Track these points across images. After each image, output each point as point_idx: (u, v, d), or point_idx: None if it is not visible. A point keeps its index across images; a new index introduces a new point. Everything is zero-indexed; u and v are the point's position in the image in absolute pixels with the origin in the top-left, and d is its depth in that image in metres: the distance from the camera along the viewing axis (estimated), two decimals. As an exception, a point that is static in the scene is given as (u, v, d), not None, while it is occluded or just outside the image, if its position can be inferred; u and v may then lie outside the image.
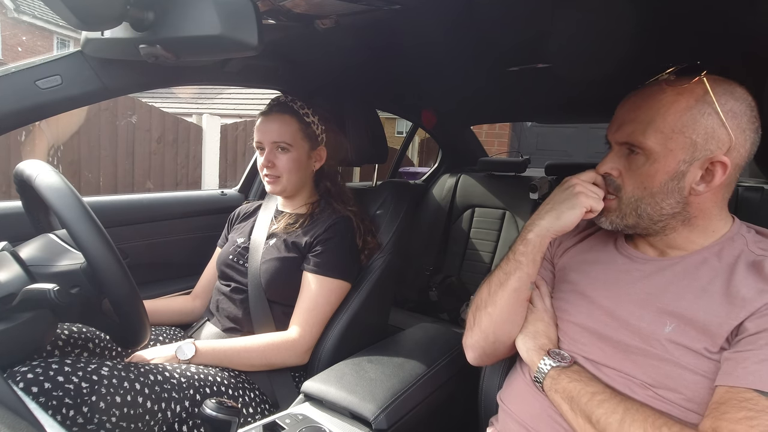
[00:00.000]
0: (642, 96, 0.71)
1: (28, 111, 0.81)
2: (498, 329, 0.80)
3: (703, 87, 0.66)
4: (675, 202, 0.69)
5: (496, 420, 0.83)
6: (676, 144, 0.67)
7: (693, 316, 0.65)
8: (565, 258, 0.86)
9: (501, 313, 0.79)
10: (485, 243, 2.03)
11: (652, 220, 0.72)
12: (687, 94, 0.67)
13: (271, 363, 1.06)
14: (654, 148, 0.68)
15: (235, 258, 1.19)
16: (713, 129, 0.65)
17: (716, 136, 0.66)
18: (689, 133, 0.66)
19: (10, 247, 0.76)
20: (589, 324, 0.74)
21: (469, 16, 0.89)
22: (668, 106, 0.67)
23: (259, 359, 1.04)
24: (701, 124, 0.66)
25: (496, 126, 4.73)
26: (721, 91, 0.66)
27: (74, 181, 3.57)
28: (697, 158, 0.67)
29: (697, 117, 0.66)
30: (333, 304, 1.13)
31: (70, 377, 0.78)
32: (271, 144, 1.16)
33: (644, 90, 0.72)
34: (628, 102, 0.73)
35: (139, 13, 0.66)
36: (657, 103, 0.68)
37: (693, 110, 0.66)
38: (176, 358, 0.99)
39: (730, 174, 0.68)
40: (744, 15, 0.81)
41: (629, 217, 0.73)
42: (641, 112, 0.70)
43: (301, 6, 0.78)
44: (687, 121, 0.66)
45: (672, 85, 0.69)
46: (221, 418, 0.64)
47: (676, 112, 0.67)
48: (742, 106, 0.66)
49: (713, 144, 0.66)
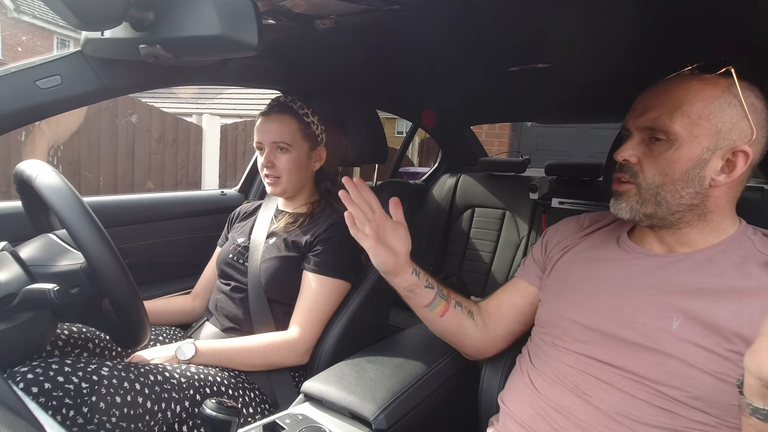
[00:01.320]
0: (666, 84, 0.72)
1: (28, 111, 0.81)
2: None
3: (729, 80, 0.68)
4: (694, 192, 0.70)
5: (496, 420, 0.83)
6: (702, 130, 0.68)
7: (699, 312, 0.65)
8: (565, 257, 0.86)
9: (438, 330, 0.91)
10: (485, 243, 2.03)
11: (670, 210, 0.71)
12: (713, 85, 0.68)
13: (271, 363, 1.06)
14: (680, 133, 0.69)
15: (235, 257, 1.19)
16: (737, 120, 0.67)
17: (740, 127, 0.67)
18: (715, 121, 0.67)
19: (10, 247, 0.76)
20: (593, 322, 0.74)
21: (469, 16, 0.89)
22: (696, 92, 0.69)
23: (258, 359, 1.04)
24: (727, 113, 0.67)
25: (496, 126, 4.73)
26: (745, 85, 0.68)
27: (74, 181, 3.57)
28: (720, 147, 0.68)
29: (723, 106, 0.67)
30: (333, 304, 1.13)
31: (70, 377, 0.78)
32: (271, 144, 1.16)
33: (667, 80, 0.73)
34: (653, 90, 0.74)
35: (139, 13, 0.66)
36: (684, 90, 0.70)
37: (720, 99, 0.67)
38: (176, 358, 0.99)
39: (748, 168, 0.69)
40: (745, 13, 0.81)
41: (648, 204, 0.73)
42: (668, 98, 0.70)
43: (301, 6, 0.78)
44: (714, 109, 0.67)
45: (697, 77, 0.70)
46: (221, 418, 0.64)
47: (703, 99, 0.68)
48: (761, 104, 0.68)
49: (736, 134, 0.67)
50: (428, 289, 0.85)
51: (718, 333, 0.63)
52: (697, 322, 0.64)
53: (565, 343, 0.77)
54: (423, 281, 0.85)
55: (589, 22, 0.89)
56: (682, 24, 0.87)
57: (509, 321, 0.91)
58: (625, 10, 0.81)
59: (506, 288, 0.95)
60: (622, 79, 1.19)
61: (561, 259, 0.86)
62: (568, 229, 0.91)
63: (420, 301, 0.86)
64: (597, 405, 0.69)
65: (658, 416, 0.65)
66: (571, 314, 0.77)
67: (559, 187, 1.89)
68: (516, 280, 0.94)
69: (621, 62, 1.07)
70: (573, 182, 1.91)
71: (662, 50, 0.99)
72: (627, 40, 0.94)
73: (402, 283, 0.85)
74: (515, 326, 0.91)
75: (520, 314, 0.91)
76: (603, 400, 0.69)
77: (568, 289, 0.81)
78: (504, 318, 0.91)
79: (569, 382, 0.73)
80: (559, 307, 0.80)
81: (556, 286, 0.84)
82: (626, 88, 0.76)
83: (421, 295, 0.85)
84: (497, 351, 0.93)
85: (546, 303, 0.85)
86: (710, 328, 0.63)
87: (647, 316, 0.69)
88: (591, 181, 1.89)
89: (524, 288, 0.91)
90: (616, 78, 1.16)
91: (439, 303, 0.86)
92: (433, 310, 0.87)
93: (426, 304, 0.86)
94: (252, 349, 1.04)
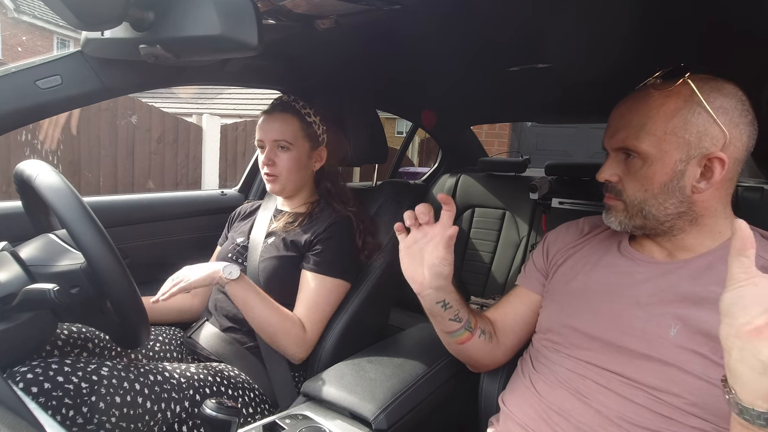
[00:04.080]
0: (631, 102, 0.72)
1: (28, 111, 0.81)
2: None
3: (689, 88, 0.67)
4: (678, 202, 0.69)
5: (496, 420, 0.83)
6: (670, 145, 0.67)
7: (698, 321, 0.64)
8: (567, 263, 0.86)
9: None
10: (485, 243, 2.03)
11: (659, 221, 0.72)
12: (674, 97, 0.68)
13: (276, 341, 1.04)
14: (649, 151, 0.69)
15: (234, 256, 1.19)
16: (705, 127, 0.66)
17: (709, 134, 0.66)
18: (681, 134, 0.67)
19: (10, 247, 0.76)
20: (593, 330, 0.74)
21: (469, 17, 0.89)
22: (657, 109, 0.68)
23: (272, 327, 1.03)
24: (692, 124, 0.66)
25: (496, 126, 4.73)
26: (708, 89, 0.67)
27: (74, 181, 3.57)
28: (693, 156, 0.67)
29: (687, 117, 0.66)
30: (333, 303, 1.13)
31: (70, 377, 0.78)
32: (272, 142, 1.16)
33: (633, 96, 0.73)
34: (619, 109, 0.74)
35: (139, 13, 0.66)
36: (646, 108, 0.69)
37: (683, 111, 0.67)
38: (222, 275, 0.98)
39: (730, 169, 0.68)
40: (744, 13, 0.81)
41: (636, 218, 0.73)
42: (632, 117, 0.70)
43: (301, 6, 0.78)
44: (678, 122, 0.67)
45: (659, 89, 0.69)
46: (221, 418, 0.64)
47: (665, 115, 0.67)
48: (732, 102, 0.67)
49: (707, 141, 0.66)
50: (453, 322, 0.82)
51: (716, 340, 0.62)
52: (696, 330, 0.64)
53: (566, 349, 0.77)
54: (449, 315, 0.81)
55: (589, 22, 0.89)
56: (681, 23, 0.87)
57: (516, 332, 0.90)
58: (624, 10, 0.81)
59: (509, 298, 0.93)
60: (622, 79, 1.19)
61: (562, 266, 0.86)
62: (569, 235, 0.90)
63: (441, 328, 0.85)
64: (597, 408, 0.69)
65: (656, 421, 0.65)
66: (571, 321, 0.77)
67: (559, 187, 1.89)
68: (518, 288, 0.93)
69: (621, 62, 1.07)
70: (573, 182, 1.91)
71: (662, 50, 0.99)
72: (627, 40, 0.94)
73: (425, 304, 0.81)
74: (522, 336, 0.90)
75: (525, 324, 0.90)
76: (603, 403, 0.69)
77: (569, 297, 0.81)
78: (511, 330, 0.90)
79: (570, 386, 0.74)
80: (560, 314, 0.80)
81: (558, 293, 0.84)
82: (626, 88, 0.76)
83: (444, 324, 0.83)
84: (504, 362, 0.92)
85: (547, 309, 0.85)
86: (708, 335, 0.63)
87: (647, 324, 0.69)
88: (591, 181, 1.88)
89: (527, 296, 0.91)
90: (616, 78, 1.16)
91: (462, 334, 0.84)
92: (453, 338, 0.85)
93: (448, 331, 0.84)
94: (276, 314, 1.03)
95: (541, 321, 0.85)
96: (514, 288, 0.95)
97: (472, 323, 0.84)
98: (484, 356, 0.89)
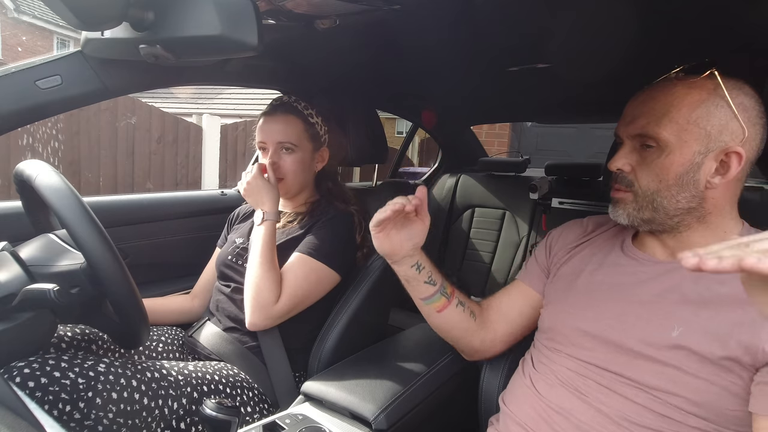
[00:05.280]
0: (652, 91, 0.72)
1: (28, 111, 0.81)
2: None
3: (714, 81, 0.68)
4: (691, 196, 0.69)
5: (496, 420, 0.83)
6: (691, 135, 0.68)
7: (700, 322, 0.64)
8: (570, 262, 0.86)
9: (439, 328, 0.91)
10: (485, 243, 2.03)
11: (668, 215, 0.71)
12: (698, 88, 0.68)
13: (252, 294, 1.02)
14: (669, 139, 0.69)
15: (234, 258, 1.19)
16: (726, 121, 0.67)
17: (730, 128, 0.67)
18: (703, 125, 0.67)
19: (10, 247, 0.76)
20: (595, 330, 0.74)
21: (468, 17, 0.89)
22: (682, 97, 0.68)
23: (258, 278, 1.02)
24: (715, 116, 0.67)
25: (496, 126, 4.73)
26: (731, 85, 0.67)
27: (74, 181, 3.56)
28: (712, 149, 0.67)
29: (710, 109, 0.67)
30: (312, 285, 1.08)
31: (67, 373, 0.78)
32: (276, 144, 1.15)
33: (654, 86, 0.73)
34: (640, 96, 0.74)
35: (139, 13, 0.66)
36: (670, 97, 0.69)
37: (706, 102, 0.67)
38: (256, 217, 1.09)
39: (744, 167, 0.68)
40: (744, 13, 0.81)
41: (645, 211, 0.73)
42: (655, 104, 0.70)
43: (301, 6, 0.78)
44: (701, 113, 0.67)
45: (682, 80, 0.70)
46: (221, 418, 0.64)
47: (690, 104, 0.68)
48: (751, 101, 0.68)
49: (727, 135, 0.67)
50: (428, 284, 0.85)
51: (718, 341, 0.62)
52: (698, 330, 0.64)
53: (567, 349, 0.77)
54: (423, 277, 0.85)
55: (589, 22, 0.89)
56: (682, 24, 0.87)
57: (509, 322, 0.91)
58: (625, 10, 0.81)
59: (508, 289, 0.94)
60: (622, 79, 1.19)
61: (565, 264, 0.86)
62: (572, 233, 0.90)
63: (416, 293, 0.87)
64: (598, 407, 0.69)
65: (657, 421, 0.65)
66: (574, 321, 0.77)
67: (559, 187, 1.89)
68: (518, 282, 0.94)
69: (621, 62, 1.07)
70: (573, 182, 1.91)
71: (663, 50, 0.99)
72: (627, 40, 0.94)
73: (399, 271, 0.85)
74: (515, 328, 0.91)
75: (520, 316, 0.90)
76: (603, 403, 0.69)
77: (572, 296, 0.80)
78: (503, 318, 0.91)
79: (570, 386, 0.74)
80: (563, 313, 0.80)
81: (560, 292, 0.84)
82: (626, 89, 0.76)
83: (418, 289, 0.85)
84: (496, 352, 0.93)
85: (549, 308, 0.85)
86: (711, 336, 0.63)
87: (649, 324, 0.69)
88: (591, 181, 1.89)
89: (526, 291, 0.91)
90: (616, 78, 1.16)
91: (438, 299, 0.86)
92: (429, 305, 0.86)
93: (422, 297, 0.86)
94: (269, 270, 1.03)
95: (543, 319, 0.85)
96: (514, 281, 0.95)
97: (448, 289, 0.87)
98: (467, 334, 0.89)
